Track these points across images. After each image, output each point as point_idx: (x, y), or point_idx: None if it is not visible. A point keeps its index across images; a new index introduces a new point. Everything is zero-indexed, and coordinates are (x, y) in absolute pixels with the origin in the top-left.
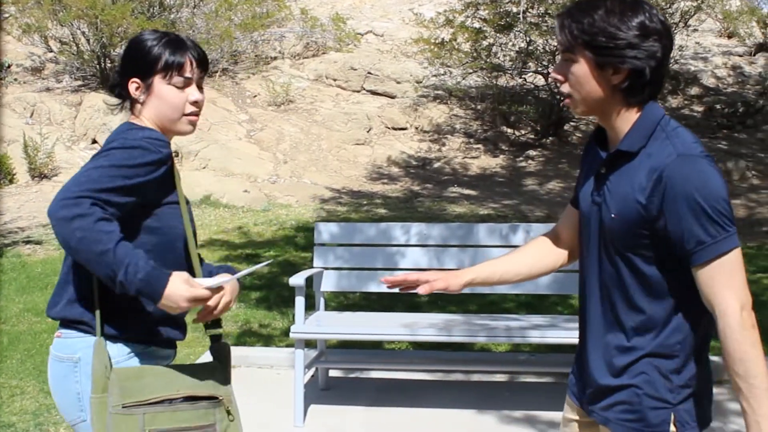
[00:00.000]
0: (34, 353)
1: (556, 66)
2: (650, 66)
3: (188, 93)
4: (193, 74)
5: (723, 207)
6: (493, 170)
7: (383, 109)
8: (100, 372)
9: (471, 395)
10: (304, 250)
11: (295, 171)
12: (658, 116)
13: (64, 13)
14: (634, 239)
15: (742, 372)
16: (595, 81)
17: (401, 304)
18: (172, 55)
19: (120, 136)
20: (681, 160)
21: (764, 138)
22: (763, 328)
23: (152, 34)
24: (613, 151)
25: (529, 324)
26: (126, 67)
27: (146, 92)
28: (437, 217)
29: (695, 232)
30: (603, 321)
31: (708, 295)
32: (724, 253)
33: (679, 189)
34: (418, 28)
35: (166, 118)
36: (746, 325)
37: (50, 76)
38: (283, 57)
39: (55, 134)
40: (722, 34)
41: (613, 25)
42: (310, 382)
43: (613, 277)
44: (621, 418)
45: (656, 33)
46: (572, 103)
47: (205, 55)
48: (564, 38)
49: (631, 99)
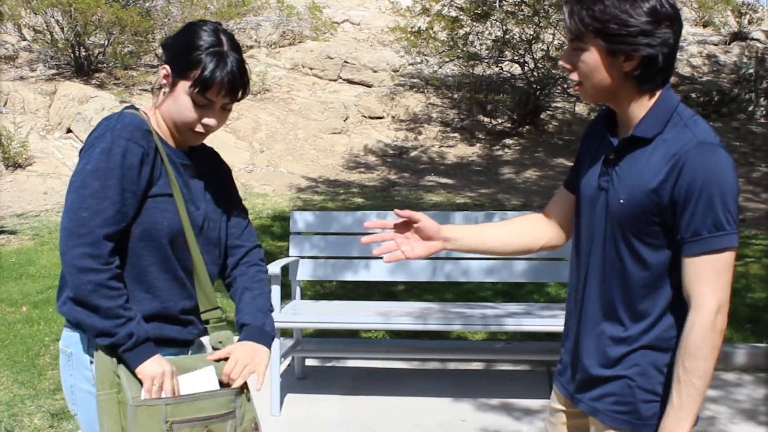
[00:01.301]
0: (8, 344)
1: (564, 54)
2: (663, 53)
3: (204, 113)
4: (218, 99)
5: (731, 204)
6: (470, 159)
7: (360, 98)
8: (106, 367)
9: (447, 383)
10: (280, 239)
11: (271, 160)
12: (675, 103)
13: (37, 2)
14: (643, 225)
15: (691, 368)
16: (607, 69)
17: (377, 293)
18: (207, 71)
19: (101, 139)
20: (701, 147)
21: (739, 127)
22: (736, 317)
23: (211, 34)
24: (627, 137)
25: (505, 312)
26: (169, 50)
27: (170, 87)
28: (414, 205)
29: (695, 221)
30: (599, 309)
31: (689, 286)
32: (716, 251)
33: (693, 175)
34: (395, 16)
35: (173, 122)
36: (716, 327)
37: (24, 64)
38: (259, 46)
39: (30, 123)
40: (697, 23)
41: (625, 12)
42: (287, 371)
43: (615, 264)
44: (612, 409)
45: (668, 18)
46: (583, 90)
47: (240, 82)
48: (574, 25)
49: (643, 86)
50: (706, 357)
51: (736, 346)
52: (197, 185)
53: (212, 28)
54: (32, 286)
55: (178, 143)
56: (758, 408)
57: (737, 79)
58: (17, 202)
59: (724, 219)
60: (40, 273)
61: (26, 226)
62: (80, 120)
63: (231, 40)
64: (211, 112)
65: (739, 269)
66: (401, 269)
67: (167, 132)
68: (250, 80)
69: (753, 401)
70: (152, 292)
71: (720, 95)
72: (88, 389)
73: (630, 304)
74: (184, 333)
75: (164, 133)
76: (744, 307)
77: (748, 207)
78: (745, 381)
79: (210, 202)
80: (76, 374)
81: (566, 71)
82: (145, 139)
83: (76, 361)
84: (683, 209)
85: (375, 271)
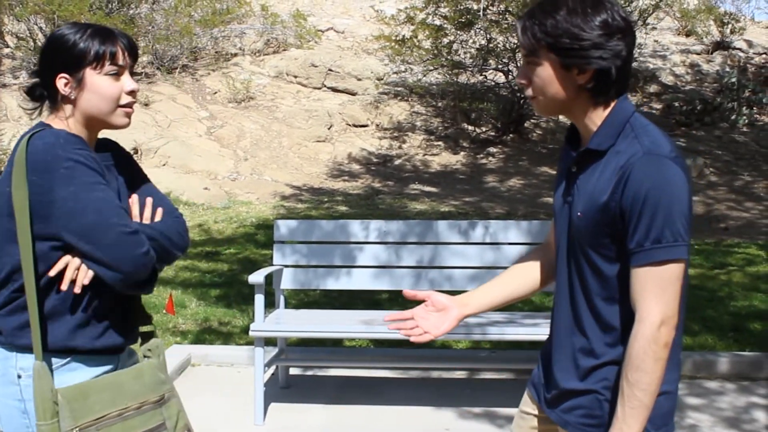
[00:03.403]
0: None
1: (519, 71)
2: (616, 65)
3: (123, 82)
4: (126, 62)
5: (676, 215)
6: (454, 167)
7: (344, 106)
8: (47, 396)
9: (431, 392)
10: (264, 247)
11: (255, 168)
12: (628, 113)
13: (20, 8)
14: (598, 238)
15: (633, 380)
16: (560, 83)
17: (361, 302)
18: (102, 45)
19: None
20: (647, 158)
21: (722, 135)
22: (719, 325)
23: (73, 27)
24: (582, 150)
25: (488, 321)
26: (50, 64)
27: (77, 87)
28: (398, 214)
29: (639, 232)
30: (569, 322)
31: (634, 298)
32: (660, 262)
33: (638, 186)
34: (379, 24)
35: (100, 112)
36: (659, 340)
37: (6, 72)
38: (243, 53)
39: (12, 131)
40: (680, 33)
41: (576, 26)
42: (270, 380)
43: (577, 277)
44: (581, 422)
45: (620, 31)
46: (538, 105)
47: (135, 42)
48: (527, 41)
49: (597, 98)
50: (649, 370)
51: (719, 355)
52: (120, 183)
53: (67, 24)
54: None
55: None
56: (741, 416)
57: (720, 88)
58: None
59: (669, 231)
60: None
61: None
62: None
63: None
64: (127, 78)
65: (722, 277)
66: (385, 277)
67: (87, 138)
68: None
69: (735, 409)
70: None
71: (703, 104)
72: (14, 404)
73: (595, 316)
74: (116, 341)
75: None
76: (727, 315)
77: (731, 216)
78: (728, 389)
79: (126, 197)
80: (1, 390)
81: (522, 86)
82: (84, 144)
83: (1, 376)
84: (629, 220)
85: (359, 279)
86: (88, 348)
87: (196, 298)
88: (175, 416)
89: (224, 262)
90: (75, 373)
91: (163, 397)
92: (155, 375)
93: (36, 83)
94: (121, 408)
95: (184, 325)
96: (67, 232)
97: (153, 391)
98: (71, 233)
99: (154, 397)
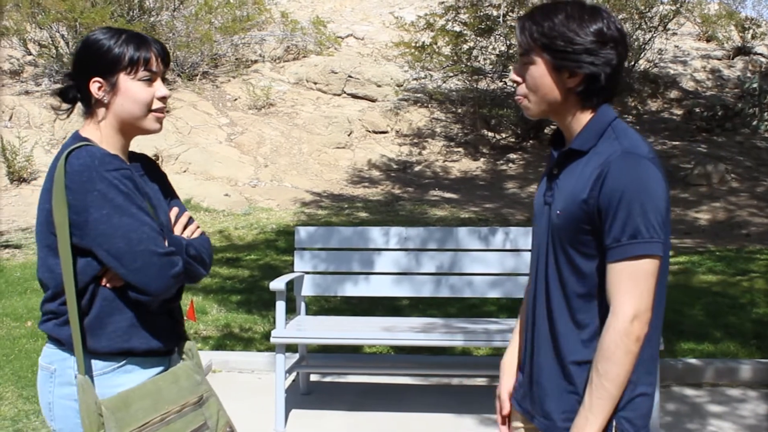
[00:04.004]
0: (13, 359)
1: (514, 68)
2: (605, 72)
3: (155, 88)
4: (159, 69)
5: (652, 211)
6: (474, 173)
7: (364, 112)
8: (92, 409)
9: (451, 399)
10: (284, 253)
11: (275, 174)
12: (611, 118)
13: (43, 16)
14: (577, 235)
15: (602, 371)
16: (551, 83)
17: (382, 308)
18: (137, 51)
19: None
20: (624, 156)
21: (743, 141)
22: (741, 332)
23: (108, 32)
24: (565, 150)
25: (509, 327)
26: (84, 68)
27: (111, 91)
28: (418, 220)
29: (615, 228)
30: (547, 323)
31: (609, 292)
32: (634, 257)
33: (615, 183)
34: (399, 31)
35: (132, 116)
36: (630, 333)
37: (29, 79)
38: (263, 60)
39: (34, 138)
40: (701, 38)
41: (572, 30)
42: (291, 386)
43: (555, 275)
44: (565, 426)
45: (613, 40)
46: (527, 103)
47: (167, 49)
48: (524, 40)
49: (585, 102)
50: (619, 362)
51: (740, 362)
52: (155, 194)
53: (101, 28)
54: (37, 300)
55: (125, 157)
56: (762, 424)
57: (741, 93)
58: (22, 216)
59: (644, 227)
60: None
61: (31, 240)
62: None
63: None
64: (159, 85)
65: (744, 284)
66: (405, 284)
67: (117, 147)
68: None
69: (758, 417)
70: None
71: (724, 110)
72: (70, 405)
73: (572, 315)
74: (160, 345)
75: (115, 150)
76: (749, 322)
77: (753, 222)
78: (750, 397)
79: (163, 208)
80: (57, 390)
81: (516, 84)
82: (120, 161)
83: (59, 378)
84: (606, 217)
85: (379, 285)
86: (144, 349)
87: (217, 305)
88: (216, 415)
89: (245, 269)
90: (131, 374)
91: (202, 398)
92: (191, 377)
93: (69, 86)
94: (163, 413)
95: (205, 332)
96: (99, 251)
97: (191, 392)
98: (103, 253)
99: (193, 399)
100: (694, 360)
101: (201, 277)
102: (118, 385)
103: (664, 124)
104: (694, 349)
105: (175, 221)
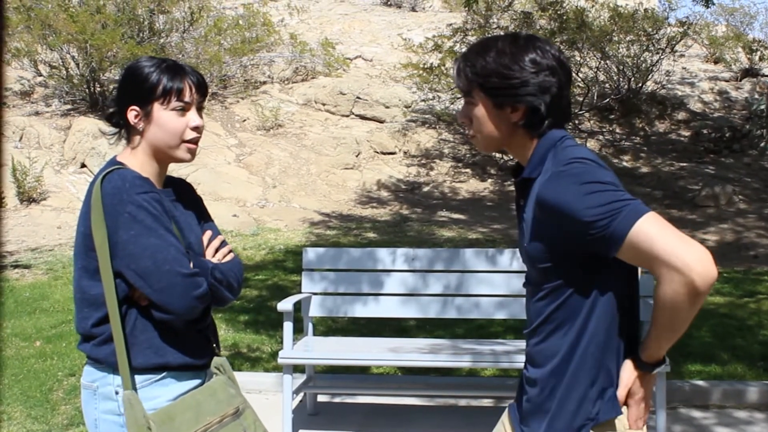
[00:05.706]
0: (22, 378)
1: (460, 110)
2: (545, 101)
3: (188, 118)
4: (192, 99)
5: (600, 183)
6: (482, 194)
7: (372, 133)
8: (141, 423)
9: (458, 420)
10: (292, 273)
11: (284, 195)
12: (554, 140)
13: (53, 38)
14: (542, 261)
15: (669, 320)
16: (494, 121)
17: (389, 329)
18: (170, 81)
19: (118, 196)
20: (549, 179)
21: (751, 163)
22: (748, 354)
23: (149, 61)
24: (518, 181)
25: (516, 348)
26: (124, 95)
27: (145, 119)
28: (426, 241)
29: (585, 226)
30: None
31: (648, 265)
32: (631, 227)
33: (550, 209)
34: (407, 53)
35: (165, 145)
36: (692, 282)
37: (39, 99)
38: (272, 81)
39: (44, 158)
40: (708, 60)
41: (505, 66)
42: (299, 407)
43: (530, 302)
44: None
45: (548, 68)
46: (478, 143)
47: (204, 79)
48: (461, 82)
49: (533, 133)
50: (686, 308)
51: (748, 384)
52: (184, 218)
53: (146, 57)
54: (46, 320)
55: (159, 182)
56: None
57: (749, 115)
58: (31, 237)
59: (608, 205)
60: (54, 307)
61: (40, 261)
62: (94, 155)
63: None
64: (193, 114)
65: (751, 306)
66: (412, 304)
67: (152, 172)
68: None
69: None
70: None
71: (731, 131)
72: (114, 420)
73: (541, 343)
74: (194, 361)
75: (149, 175)
76: (756, 344)
77: (760, 243)
78: (757, 419)
79: (193, 231)
80: (101, 406)
81: (464, 125)
82: (150, 185)
83: (101, 395)
84: (568, 230)
85: (386, 306)
86: (180, 363)
87: (225, 324)
88: (253, 425)
89: (253, 288)
90: (167, 387)
91: (239, 409)
92: (226, 390)
93: (114, 111)
94: (205, 424)
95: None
96: (127, 271)
97: (228, 404)
98: (130, 273)
99: (231, 410)
100: (701, 382)
101: (228, 300)
102: (155, 397)
103: (671, 146)
104: (701, 371)
105: (208, 244)
